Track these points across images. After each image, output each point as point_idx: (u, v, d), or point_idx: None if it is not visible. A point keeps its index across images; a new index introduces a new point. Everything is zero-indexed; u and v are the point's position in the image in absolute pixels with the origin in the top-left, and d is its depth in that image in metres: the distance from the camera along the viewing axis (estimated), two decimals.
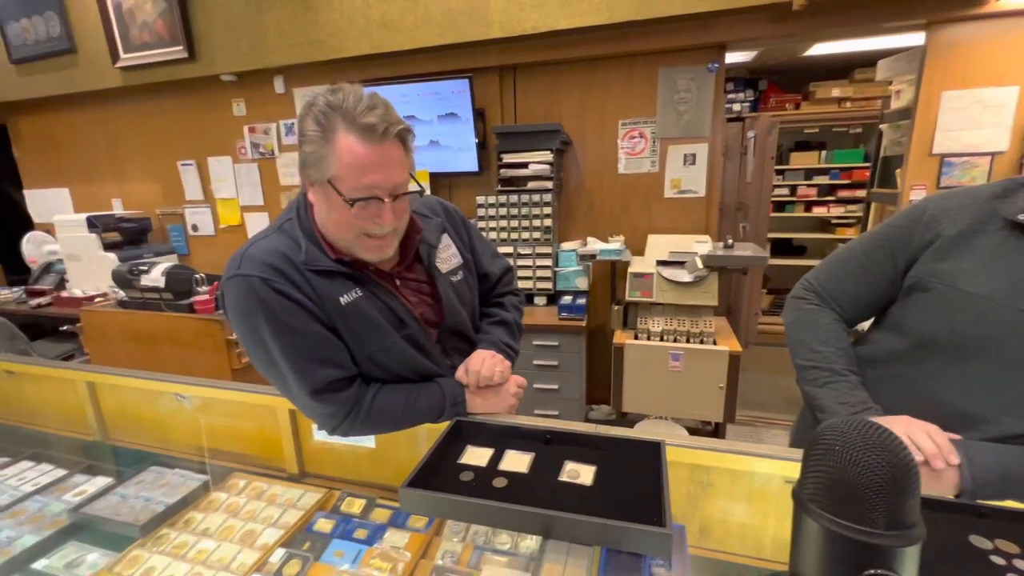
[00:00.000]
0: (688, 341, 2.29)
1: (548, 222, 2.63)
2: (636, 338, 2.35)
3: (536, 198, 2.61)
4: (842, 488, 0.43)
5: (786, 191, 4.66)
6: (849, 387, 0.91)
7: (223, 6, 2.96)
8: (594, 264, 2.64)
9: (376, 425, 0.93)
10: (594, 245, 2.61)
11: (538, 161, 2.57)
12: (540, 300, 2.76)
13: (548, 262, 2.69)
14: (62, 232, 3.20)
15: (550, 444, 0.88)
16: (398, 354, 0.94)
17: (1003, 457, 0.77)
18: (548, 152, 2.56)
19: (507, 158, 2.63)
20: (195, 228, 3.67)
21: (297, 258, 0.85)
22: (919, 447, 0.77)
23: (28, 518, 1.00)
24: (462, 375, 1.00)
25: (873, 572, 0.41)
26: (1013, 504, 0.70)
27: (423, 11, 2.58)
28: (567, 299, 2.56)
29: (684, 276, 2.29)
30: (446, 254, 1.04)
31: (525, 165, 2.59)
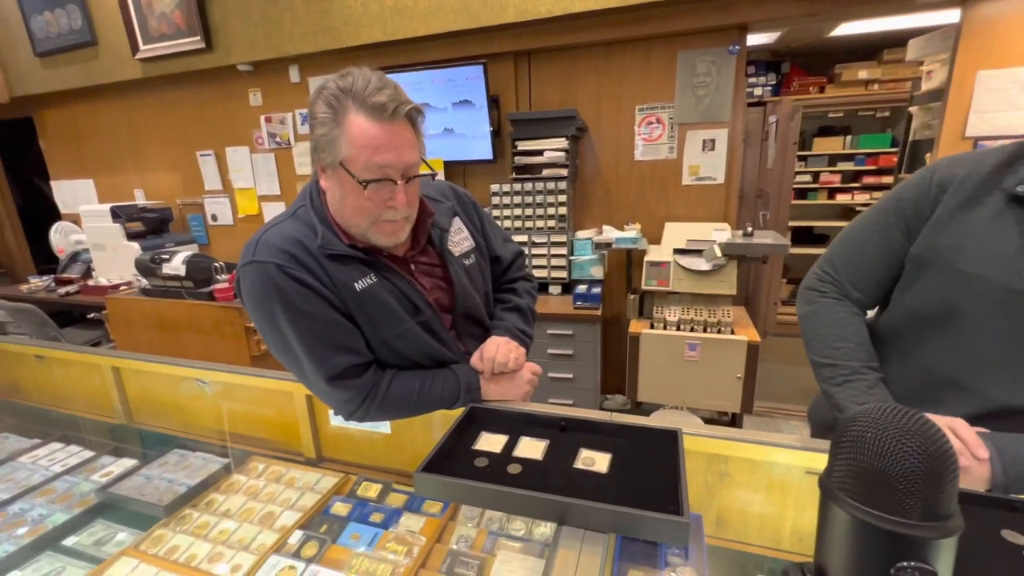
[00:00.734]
0: (705, 331, 2.25)
1: (563, 210, 2.60)
2: (652, 327, 2.33)
3: (551, 186, 2.58)
4: (874, 477, 0.41)
5: (808, 178, 4.53)
6: (867, 386, 0.88)
7: None
8: (610, 253, 2.61)
9: (391, 411, 0.93)
10: (610, 233, 2.58)
11: (553, 148, 2.53)
12: (555, 289, 2.74)
13: (563, 251, 2.66)
14: (88, 222, 3.29)
15: (565, 431, 0.87)
16: (413, 340, 0.94)
17: None
18: (563, 139, 2.52)
19: (522, 145, 2.60)
20: (214, 218, 3.73)
21: (312, 244, 0.85)
22: None
23: (58, 496, 1.04)
24: (477, 361, 0.99)
25: (906, 564, 0.39)
26: None
27: None
28: (582, 288, 2.54)
29: (702, 265, 2.25)
30: (458, 237, 1.04)
31: (540, 152, 2.56)
